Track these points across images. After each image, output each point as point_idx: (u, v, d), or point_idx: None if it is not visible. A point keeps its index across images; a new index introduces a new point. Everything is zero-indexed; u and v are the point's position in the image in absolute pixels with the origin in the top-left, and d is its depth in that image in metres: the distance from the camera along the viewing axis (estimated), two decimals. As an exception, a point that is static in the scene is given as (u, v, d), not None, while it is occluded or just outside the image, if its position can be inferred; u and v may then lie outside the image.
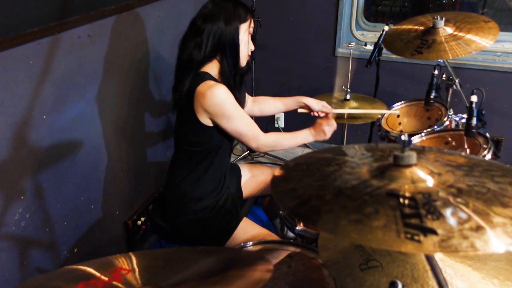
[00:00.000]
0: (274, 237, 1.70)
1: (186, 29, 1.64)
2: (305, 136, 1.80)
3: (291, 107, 2.02)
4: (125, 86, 2.10)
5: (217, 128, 1.61)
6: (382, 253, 0.95)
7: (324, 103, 1.98)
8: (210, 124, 1.59)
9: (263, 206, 2.18)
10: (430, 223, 0.60)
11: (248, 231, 1.69)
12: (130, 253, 0.90)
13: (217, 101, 1.53)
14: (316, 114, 1.99)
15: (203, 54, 1.58)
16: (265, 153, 3.38)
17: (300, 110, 2.03)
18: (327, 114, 1.95)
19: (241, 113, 1.62)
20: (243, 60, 1.67)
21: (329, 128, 1.79)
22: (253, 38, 1.71)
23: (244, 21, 1.61)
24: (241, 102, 1.75)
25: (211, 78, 1.59)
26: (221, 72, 1.63)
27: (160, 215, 1.75)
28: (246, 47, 1.65)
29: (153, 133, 2.43)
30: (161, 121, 2.49)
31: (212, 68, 1.62)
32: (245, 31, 1.62)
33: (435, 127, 1.84)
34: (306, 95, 2.48)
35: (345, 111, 2.11)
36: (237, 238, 1.68)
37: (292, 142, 1.78)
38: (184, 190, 1.68)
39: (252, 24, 1.65)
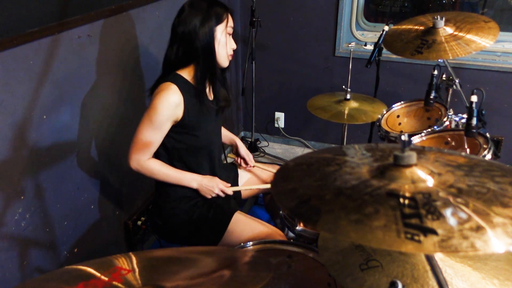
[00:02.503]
0: (270, 227, 1.70)
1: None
2: (190, 179, 1.67)
3: (225, 141, 1.98)
4: (125, 86, 2.10)
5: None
6: (382, 253, 0.95)
7: (250, 156, 1.97)
8: None
9: (265, 204, 2.18)
10: (430, 223, 0.60)
11: (242, 223, 1.69)
12: (130, 253, 0.90)
13: (157, 102, 1.53)
14: (238, 161, 1.99)
15: (176, 57, 1.59)
16: (265, 153, 3.38)
17: (229, 155, 2.07)
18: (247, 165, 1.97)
19: (158, 128, 1.56)
20: (223, 61, 1.64)
21: (217, 190, 1.69)
22: (234, 37, 1.68)
23: (219, 22, 1.57)
24: (219, 100, 1.72)
25: (182, 80, 1.59)
26: (193, 76, 1.61)
27: (159, 215, 1.76)
28: (224, 48, 1.61)
29: (153, 133, 2.42)
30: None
31: (189, 72, 1.62)
32: (222, 32, 1.58)
33: (435, 127, 1.85)
34: (306, 95, 2.49)
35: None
36: (232, 231, 1.67)
37: (171, 177, 1.65)
38: (169, 191, 1.69)
39: (230, 23, 1.61)
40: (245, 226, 1.68)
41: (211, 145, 1.74)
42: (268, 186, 1.93)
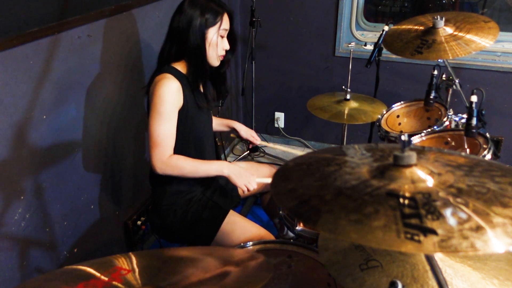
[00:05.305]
0: (262, 230, 1.70)
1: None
2: (220, 166, 1.64)
3: (221, 129, 2.01)
4: (125, 86, 2.10)
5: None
6: (382, 253, 0.95)
7: (253, 133, 2.00)
8: None
9: (263, 204, 2.18)
10: (430, 223, 0.60)
11: (235, 224, 1.69)
12: (130, 253, 0.90)
13: (159, 91, 1.54)
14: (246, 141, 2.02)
15: (169, 53, 1.64)
16: (265, 153, 3.38)
17: (232, 134, 2.06)
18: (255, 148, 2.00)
19: (169, 119, 1.56)
20: (213, 61, 1.67)
21: (247, 177, 1.65)
22: (232, 37, 1.70)
23: (213, 24, 1.60)
24: (208, 97, 1.73)
25: (177, 72, 1.62)
26: (188, 72, 1.65)
27: (156, 212, 1.76)
28: (214, 50, 1.64)
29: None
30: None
31: (182, 66, 1.66)
32: (214, 34, 1.62)
33: (435, 127, 1.84)
34: (306, 95, 2.48)
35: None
36: (224, 231, 1.68)
37: (201, 169, 1.61)
38: (165, 187, 1.70)
39: (224, 26, 1.63)
40: (237, 227, 1.69)
41: (205, 137, 1.76)
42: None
